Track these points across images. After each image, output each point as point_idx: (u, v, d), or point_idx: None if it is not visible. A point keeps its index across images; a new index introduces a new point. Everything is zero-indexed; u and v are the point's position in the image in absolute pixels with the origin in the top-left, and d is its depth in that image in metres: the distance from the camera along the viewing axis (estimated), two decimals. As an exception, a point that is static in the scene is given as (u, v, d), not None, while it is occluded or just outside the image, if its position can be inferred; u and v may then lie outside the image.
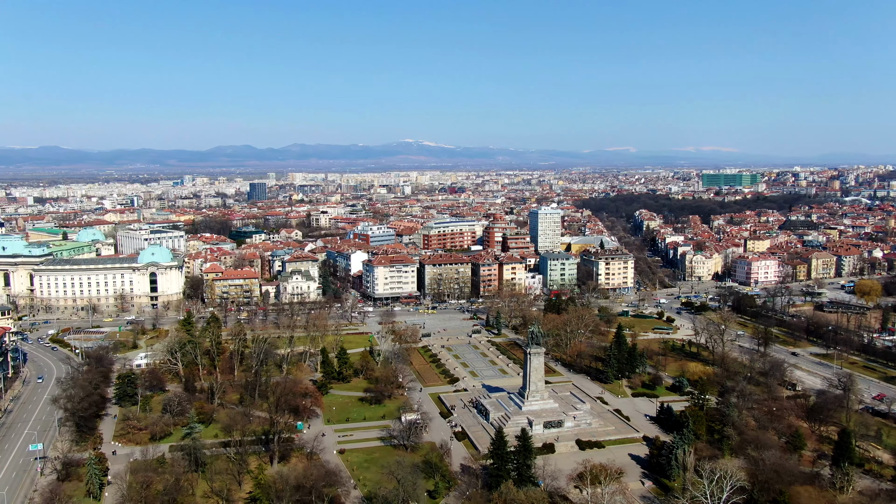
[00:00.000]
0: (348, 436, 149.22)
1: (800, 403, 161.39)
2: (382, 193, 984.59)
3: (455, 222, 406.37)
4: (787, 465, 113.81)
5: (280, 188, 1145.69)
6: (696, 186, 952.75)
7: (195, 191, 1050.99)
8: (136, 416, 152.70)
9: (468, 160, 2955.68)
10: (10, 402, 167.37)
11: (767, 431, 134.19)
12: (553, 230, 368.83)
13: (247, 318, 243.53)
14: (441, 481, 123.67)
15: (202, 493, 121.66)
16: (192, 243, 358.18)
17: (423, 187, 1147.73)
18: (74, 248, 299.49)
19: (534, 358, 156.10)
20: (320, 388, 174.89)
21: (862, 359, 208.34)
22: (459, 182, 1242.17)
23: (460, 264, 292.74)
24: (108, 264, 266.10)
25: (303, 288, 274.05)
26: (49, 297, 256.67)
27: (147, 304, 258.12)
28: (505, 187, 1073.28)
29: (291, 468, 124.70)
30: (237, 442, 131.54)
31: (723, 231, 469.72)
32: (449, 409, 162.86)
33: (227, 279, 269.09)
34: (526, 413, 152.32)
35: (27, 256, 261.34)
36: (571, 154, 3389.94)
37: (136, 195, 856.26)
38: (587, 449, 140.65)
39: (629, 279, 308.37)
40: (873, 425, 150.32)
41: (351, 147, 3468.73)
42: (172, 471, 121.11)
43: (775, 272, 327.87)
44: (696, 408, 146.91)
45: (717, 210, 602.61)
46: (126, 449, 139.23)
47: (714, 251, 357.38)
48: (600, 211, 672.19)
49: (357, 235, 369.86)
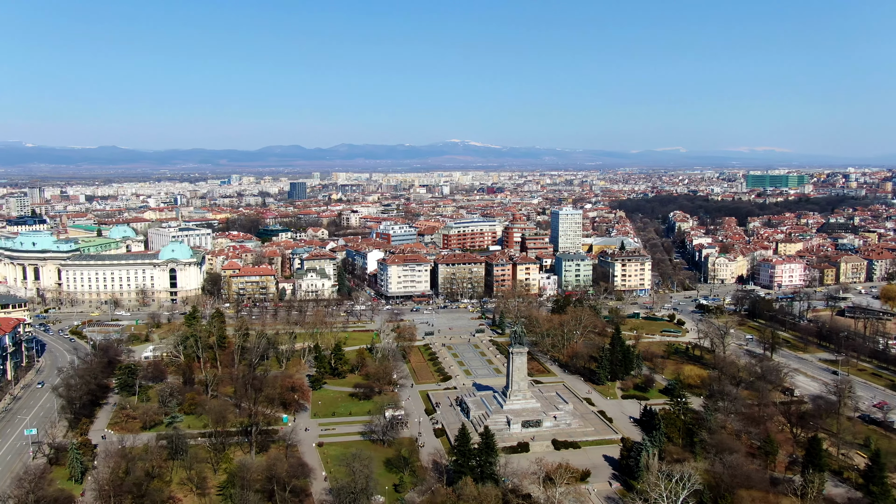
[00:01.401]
0: (330, 430, 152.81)
1: (791, 409, 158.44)
2: (421, 193, 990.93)
3: (475, 222, 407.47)
4: (745, 470, 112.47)
5: (323, 187, 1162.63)
6: (740, 187, 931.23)
7: (239, 190, 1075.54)
8: (132, 406, 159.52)
9: (514, 160, 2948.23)
10: (21, 390, 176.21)
11: (741, 436, 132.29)
12: (574, 231, 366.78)
13: (258, 313, 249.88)
14: (408, 475, 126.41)
15: (178, 479, 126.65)
16: (219, 241, 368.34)
17: (463, 187, 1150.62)
18: (101, 245, 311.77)
19: (516, 357, 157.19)
20: (314, 383, 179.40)
21: (872, 366, 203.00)
22: (501, 182, 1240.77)
23: (474, 264, 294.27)
24: (131, 260, 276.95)
25: (317, 285, 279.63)
26: (75, 290, 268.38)
27: (167, 299, 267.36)
28: (545, 188, 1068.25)
29: (266, 459, 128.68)
30: (216, 432, 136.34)
31: (756, 233, 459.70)
32: (434, 407, 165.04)
33: (243, 276, 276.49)
34: (506, 412, 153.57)
35: (55, 252, 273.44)
36: (619, 154, 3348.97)
37: (180, 194, 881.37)
38: (562, 449, 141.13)
39: (646, 281, 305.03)
40: (863, 433, 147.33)
41: (397, 147, 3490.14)
42: (150, 458, 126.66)
43: (801, 276, 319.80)
44: (676, 410, 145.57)
45: (755, 212, 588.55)
46: (117, 436, 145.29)
47: (740, 254, 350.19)
48: (636, 212, 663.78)
49: (379, 234, 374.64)
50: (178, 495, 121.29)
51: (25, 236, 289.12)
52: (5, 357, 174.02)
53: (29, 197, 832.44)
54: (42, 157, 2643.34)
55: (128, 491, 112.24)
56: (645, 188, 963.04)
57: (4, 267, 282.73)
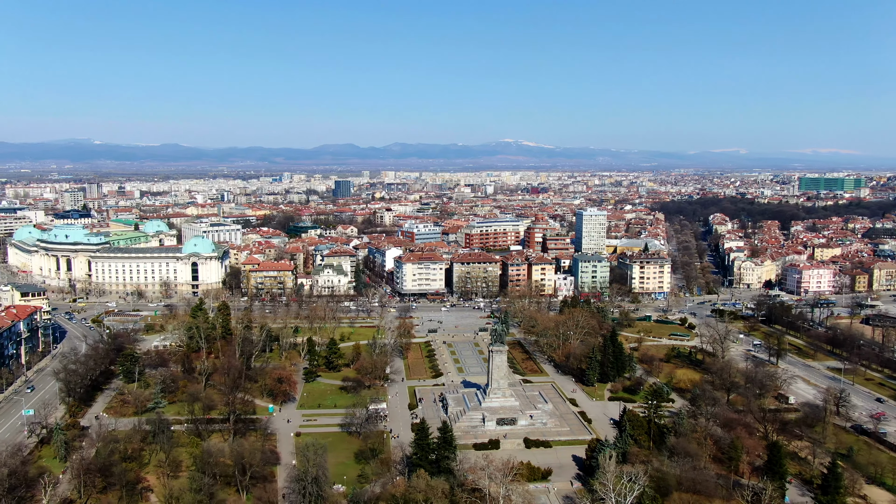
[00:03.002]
0: (312, 421, 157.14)
1: (767, 416, 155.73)
2: (465, 192, 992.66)
3: (497, 222, 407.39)
4: (691, 474, 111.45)
5: (370, 186, 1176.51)
6: (792, 190, 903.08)
7: (288, 187, 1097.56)
8: (130, 392, 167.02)
9: (567, 160, 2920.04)
10: (34, 374, 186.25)
11: (706, 440, 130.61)
12: (598, 232, 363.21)
13: (270, 307, 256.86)
14: (374, 467, 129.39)
15: (155, 462, 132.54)
16: (249, 236, 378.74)
17: (508, 187, 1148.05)
18: (132, 238, 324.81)
19: (496, 356, 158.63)
20: (308, 376, 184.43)
21: (882, 375, 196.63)
22: (549, 183, 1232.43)
23: (489, 263, 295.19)
24: (155, 253, 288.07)
25: (333, 281, 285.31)
26: (103, 281, 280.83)
27: (188, 292, 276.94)
28: (590, 188, 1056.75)
29: (240, 445, 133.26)
30: (195, 419, 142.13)
31: (796, 237, 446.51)
32: (417, 402, 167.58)
33: (261, 271, 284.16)
34: (484, 409, 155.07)
35: (86, 244, 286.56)
36: (676, 155, 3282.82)
37: (227, 191, 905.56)
38: (533, 448, 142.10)
39: (665, 284, 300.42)
40: (848, 443, 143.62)
41: (450, 147, 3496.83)
42: (130, 441, 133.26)
43: (829, 282, 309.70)
44: (651, 413, 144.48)
45: (801, 215, 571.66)
46: (108, 420, 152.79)
47: (769, 258, 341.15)
48: (678, 214, 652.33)
49: (404, 233, 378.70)
50: (150, 477, 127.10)
51: (59, 229, 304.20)
52: (20, 342, 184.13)
53: (87, 192, 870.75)
54: (109, 154, 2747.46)
55: (97, 470, 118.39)
56: (692, 190, 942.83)
57: (41, 258, 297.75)
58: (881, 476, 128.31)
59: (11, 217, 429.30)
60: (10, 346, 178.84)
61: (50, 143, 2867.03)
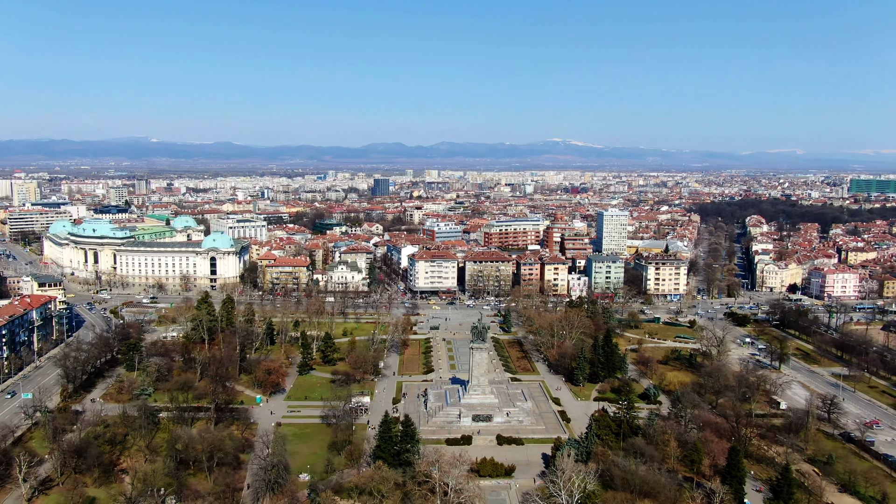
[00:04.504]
0: (295, 412, 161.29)
1: (765, 421, 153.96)
2: (504, 192, 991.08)
3: (517, 221, 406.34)
4: (640, 474, 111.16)
5: (412, 184, 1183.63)
6: (842, 192, 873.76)
7: (330, 185, 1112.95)
8: (128, 379, 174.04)
9: (616, 160, 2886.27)
10: (45, 360, 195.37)
11: (669, 442, 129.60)
12: (619, 232, 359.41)
13: (281, 302, 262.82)
14: (344, 457, 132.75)
15: (137, 447, 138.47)
16: (275, 233, 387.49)
17: (549, 187, 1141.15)
18: (157, 233, 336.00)
19: (476, 353, 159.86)
20: (302, 368, 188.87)
21: (888, 383, 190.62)
22: (593, 183, 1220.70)
23: (501, 262, 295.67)
24: (176, 248, 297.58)
25: (347, 278, 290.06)
26: (127, 274, 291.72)
27: (207, 286, 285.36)
28: (632, 189, 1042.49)
29: (212, 433, 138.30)
30: (177, 407, 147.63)
31: (833, 240, 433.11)
32: (402, 397, 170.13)
33: (277, 266, 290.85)
34: (462, 405, 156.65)
35: (112, 238, 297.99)
36: (728, 156, 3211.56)
37: (268, 188, 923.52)
38: (505, 445, 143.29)
39: (681, 285, 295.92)
40: (828, 450, 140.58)
41: (498, 146, 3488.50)
42: (117, 426, 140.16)
43: (855, 287, 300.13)
44: (622, 414, 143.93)
45: (843, 218, 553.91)
46: (106, 405, 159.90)
47: (795, 261, 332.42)
48: (717, 215, 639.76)
49: (425, 231, 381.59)
50: (129, 460, 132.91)
51: (88, 223, 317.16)
52: (32, 330, 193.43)
53: (136, 188, 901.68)
54: (164, 152, 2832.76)
55: (73, 452, 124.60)
56: (736, 191, 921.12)
57: (72, 251, 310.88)
58: (854, 484, 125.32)
59: (54, 212, 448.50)
60: (22, 333, 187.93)
61: (110, 141, 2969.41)
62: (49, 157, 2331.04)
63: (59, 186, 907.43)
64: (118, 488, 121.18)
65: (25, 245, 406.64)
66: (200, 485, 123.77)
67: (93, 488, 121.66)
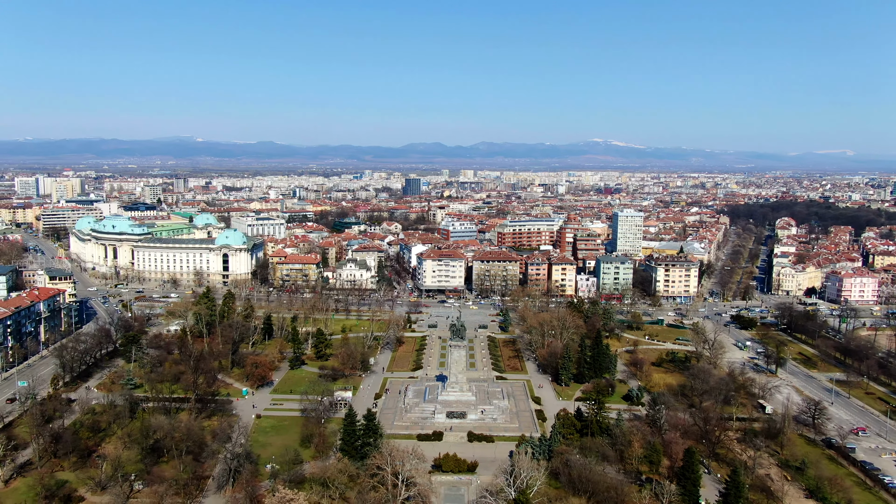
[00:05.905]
0: (278, 405, 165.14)
1: (743, 426, 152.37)
2: (536, 192, 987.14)
3: (531, 222, 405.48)
4: (586, 472, 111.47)
5: (446, 184, 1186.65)
6: (884, 194, 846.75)
7: (364, 184, 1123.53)
8: (123, 370, 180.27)
9: (658, 161, 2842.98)
10: (51, 351, 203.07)
11: (632, 443, 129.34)
12: (634, 233, 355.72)
13: (287, 298, 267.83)
14: (313, 450, 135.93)
15: (120, 434, 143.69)
16: (294, 231, 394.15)
17: (584, 187, 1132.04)
18: (175, 229, 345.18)
19: (454, 351, 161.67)
20: (293, 363, 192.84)
21: (887, 390, 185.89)
22: (629, 184, 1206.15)
23: (509, 262, 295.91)
24: (190, 244, 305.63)
25: (356, 275, 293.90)
26: (143, 269, 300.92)
27: (219, 282, 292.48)
28: (667, 190, 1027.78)
29: (188, 423, 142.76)
30: (159, 398, 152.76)
31: (861, 244, 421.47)
32: (384, 392, 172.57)
33: (288, 263, 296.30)
34: (438, 402, 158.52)
35: (130, 234, 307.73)
36: (775, 156, 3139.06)
37: (304, 187, 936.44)
38: (475, 441, 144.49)
39: (691, 288, 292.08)
40: (802, 455, 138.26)
41: (537, 146, 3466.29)
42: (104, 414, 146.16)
43: (873, 291, 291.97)
44: (592, 414, 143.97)
45: (878, 221, 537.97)
46: (99, 394, 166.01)
47: (814, 265, 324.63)
48: (748, 217, 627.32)
49: (440, 230, 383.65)
50: (110, 447, 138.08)
51: (109, 220, 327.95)
52: (40, 321, 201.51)
53: (175, 186, 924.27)
54: (209, 151, 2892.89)
55: (52, 437, 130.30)
56: (773, 193, 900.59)
57: (93, 246, 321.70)
58: (822, 490, 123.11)
59: (86, 209, 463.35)
60: (29, 324, 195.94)
61: (157, 141, 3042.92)
62: (98, 156, 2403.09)
63: (101, 184, 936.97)
64: (92, 473, 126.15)
65: (56, 241, 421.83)
66: (170, 472, 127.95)
67: (68, 472, 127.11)
